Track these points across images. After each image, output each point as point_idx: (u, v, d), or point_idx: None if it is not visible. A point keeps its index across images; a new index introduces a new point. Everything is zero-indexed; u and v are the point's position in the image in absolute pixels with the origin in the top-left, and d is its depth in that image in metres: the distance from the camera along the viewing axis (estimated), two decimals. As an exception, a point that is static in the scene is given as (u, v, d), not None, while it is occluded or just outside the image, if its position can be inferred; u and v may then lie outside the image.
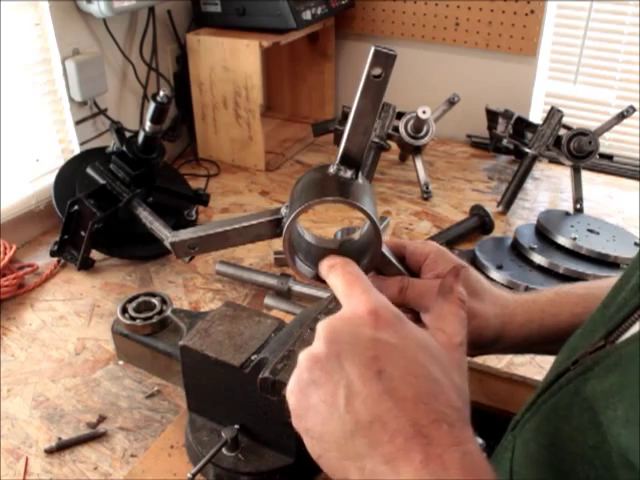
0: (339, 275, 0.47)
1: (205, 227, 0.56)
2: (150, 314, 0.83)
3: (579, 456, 0.42)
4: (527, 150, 1.44)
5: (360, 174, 0.51)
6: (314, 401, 0.41)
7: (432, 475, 0.36)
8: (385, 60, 0.45)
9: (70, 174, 1.31)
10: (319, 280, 0.52)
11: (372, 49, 0.45)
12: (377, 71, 0.46)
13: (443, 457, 0.37)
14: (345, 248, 0.54)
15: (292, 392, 0.43)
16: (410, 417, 0.38)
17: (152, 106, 1.21)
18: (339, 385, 0.39)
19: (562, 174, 1.62)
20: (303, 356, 0.42)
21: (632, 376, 0.39)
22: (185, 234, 0.56)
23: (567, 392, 0.46)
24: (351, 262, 0.48)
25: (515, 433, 0.53)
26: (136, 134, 1.26)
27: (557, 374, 0.49)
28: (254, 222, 0.54)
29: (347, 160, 0.50)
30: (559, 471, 0.44)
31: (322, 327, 0.42)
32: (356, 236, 0.55)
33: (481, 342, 0.59)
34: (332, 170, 0.50)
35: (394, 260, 0.57)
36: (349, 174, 0.50)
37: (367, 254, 0.52)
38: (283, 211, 0.52)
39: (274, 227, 0.53)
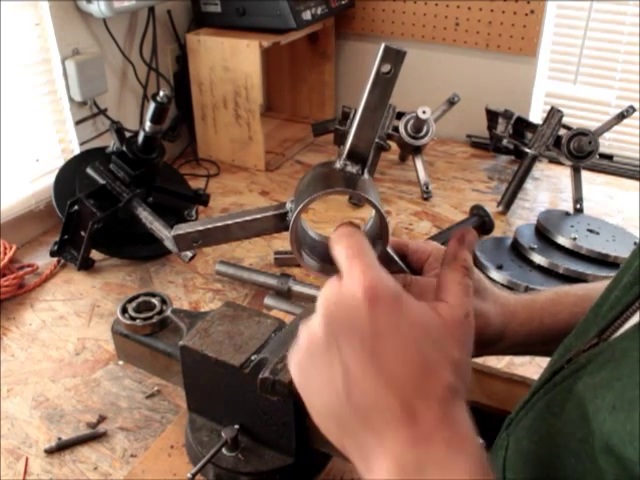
0: (342, 248, 0.44)
1: (208, 220, 0.56)
2: (150, 314, 0.82)
3: (567, 450, 0.42)
4: (527, 150, 1.44)
5: (366, 170, 0.51)
6: (314, 379, 0.42)
7: (419, 452, 0.38)
8: (395, 57, 0.46)
9: (70, 174, 1.31)
10: (325, 273, 0.53)
11: (382, 46, 0.46)
12: (386, 68, 0.46)
13: (430, 436, 0.38)
14: None
15: (293, 365, 0.44)
16: (399, 396, 0.39)
17: (152, 106, 1.21)
18: (337, 367, 0.41)
19: (562, 174, 1.62)
20: (302, 332, 0.43)
21: (623, 369, 0.39)
22: (188, 227, 0.56)
23: (561, 390, 0.47)
24: (357, 233, 0.46)
25: (509, 431, 0.54)
26: (136, 134, 1.26)
27: (552, 372, 0.49)
28: (258, 216, 0.54)
29: (354, 155, 0.50)
30: (548, 466, 0.45)
31: (321, 304, 0.42)
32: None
33: (483, 341, 0.59)
34: (339, 165, 0.50)
35: (397, 258, 0.57)
36: (355, 169, 0.50)
37: (374, 250, 0.52)
38: (288, 206, 0.52)
39: (278, 222, 0.53)
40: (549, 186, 1.60)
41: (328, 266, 0.53)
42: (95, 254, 1.25)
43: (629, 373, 0.38)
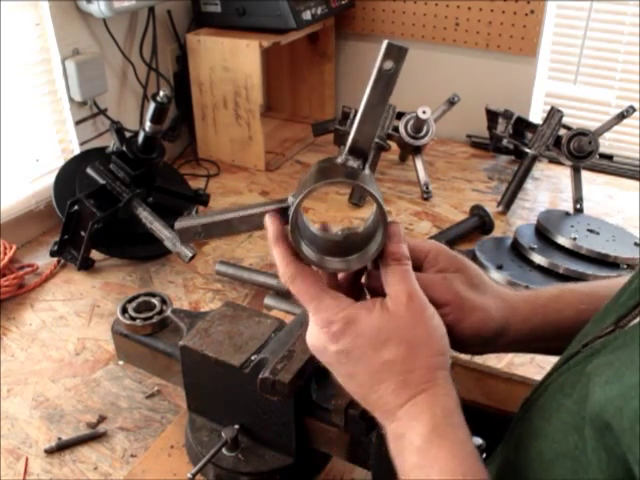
0: (296, 292, 0.53)
1: (210, 214, 0.56)
2: (150, 314, 0.83)
3: (572, 426, 0.45)
4: (527, 150, 1.44)
5: (367, 166, 0.52)
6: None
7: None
8: (397, 53, 0.47)
9: (70, 174, 1.31)
10: (322, 265, 0.53)
11: (385, 43, 0.47)
12: (389, 64, 0.47)
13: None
14: (349, 240, 0.55)
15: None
16: (368, 402, 0.51)
17: (152, 106, 1.21)
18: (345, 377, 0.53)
19: (562, 174, 1.62)
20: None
21: (628, 352, 0.41)
22: (191, 220, 0.57)
23: (574, 372, 0.48)
24: (301, 275, 0.52)
25: (526, 408, 0.56)
26: (136, 134, 1.26)
27: (567, 356, 0.51)
28: (259, 210, 0.54)
29: (355, 150, 0.51)
30: (553, 441, 0.47)
31: (309, 345, 0.53)
32: (360, 229, 0.55)
33: (484, 336, 0.59)
34: (340, 160, 0.52)
35: None
36: (357, 164, 0.51)
37: (373, 241, 0.53)
38: (290, 200, 0.52)
39: (280, 215, 0.53)
40: (549, 186, 1.60)
41: (325, 258, 0.53)
42: (95, 254, 1.25)
43: (629, 353, 0.41)
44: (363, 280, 0.59)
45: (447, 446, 0.46)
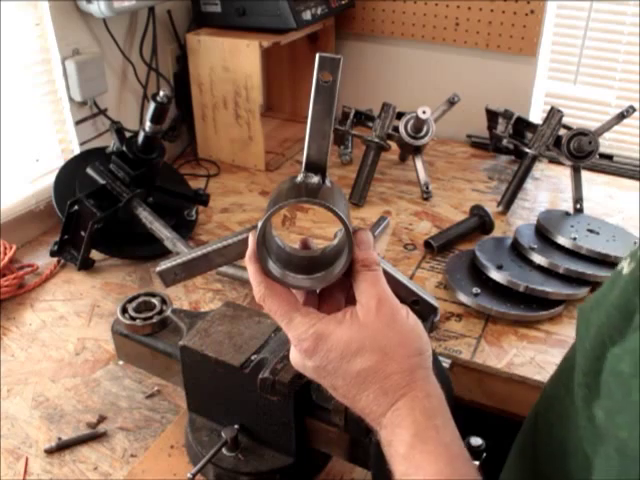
0: (268, 311, 0.53)
1: (188, 252, 0.58)
2: (150, 314, 0.83)
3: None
4: (527, 150, 1.44)
5: (327, 178, 0.52)
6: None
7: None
8: (331, 64, 0.47)
9: (70, 174, 1.31)
10: (285, 282, 0.53)
11: (317, 56, 0.47)
12: (325, 76, 0.48)
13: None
14: (325, 255, 0.55)
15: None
16: (357, 410, 0.52)
17: (152, 106, 1.21)
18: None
19: (562, 174, 1.62)
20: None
21: None
22: (170, 262, 0.58)
23: None
24: (271, 293, 0.52)
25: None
26: (136, 134, 1.26)
27: None
28: (233, 240, 0.55)
29: (311, 166, 0.52)
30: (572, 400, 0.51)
31: (292, 363, 0.55)
32: (335, 241, 0.55)
33: None
34: (299, 178, 0.52)
35: (404, 281, 0.58)
36: (316, 179, 0.52)
37: (340, 259, 0.52)
38: (259, 224, 0.52)
39: None
40: (549, 186, 1.60)
41: (289, 275, 0.53)
42: (95, 254, 1.25)
43: None
44: None
45: (431, 450, 0.46)
